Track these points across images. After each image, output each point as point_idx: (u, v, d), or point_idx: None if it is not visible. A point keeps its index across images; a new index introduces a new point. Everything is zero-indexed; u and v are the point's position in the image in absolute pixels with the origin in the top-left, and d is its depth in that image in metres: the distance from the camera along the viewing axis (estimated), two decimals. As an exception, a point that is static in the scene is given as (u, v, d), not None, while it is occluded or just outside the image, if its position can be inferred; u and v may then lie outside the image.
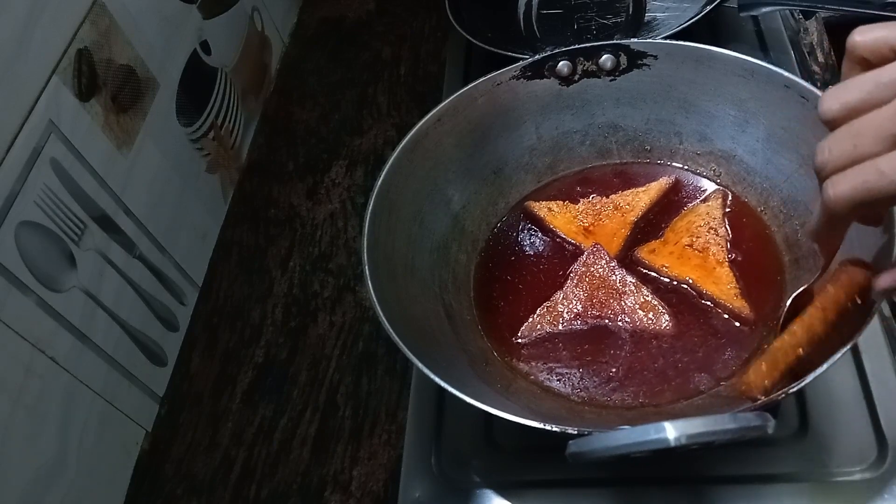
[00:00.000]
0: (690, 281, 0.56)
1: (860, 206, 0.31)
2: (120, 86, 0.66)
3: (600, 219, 0.61)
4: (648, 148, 0.64)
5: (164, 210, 0.72)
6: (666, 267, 0.57)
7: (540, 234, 0.63)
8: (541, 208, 0.63)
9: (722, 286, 0.54)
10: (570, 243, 0.61)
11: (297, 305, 0.74)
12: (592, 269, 0.57)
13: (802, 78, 0.54)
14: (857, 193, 0.30)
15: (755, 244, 0.57)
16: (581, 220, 0.61)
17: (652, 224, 0.61)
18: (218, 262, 0.80)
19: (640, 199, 0.61)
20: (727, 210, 0.60)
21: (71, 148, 0.59)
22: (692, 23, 0.70)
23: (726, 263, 0.56)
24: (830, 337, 0.41)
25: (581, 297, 0.56)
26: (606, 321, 0.55)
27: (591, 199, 0.63)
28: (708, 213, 0.59)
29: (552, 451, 0.45)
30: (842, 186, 0.31)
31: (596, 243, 0.59)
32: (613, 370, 0.53)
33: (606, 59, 0.62)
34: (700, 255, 0.56)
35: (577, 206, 0.62)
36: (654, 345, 0.53)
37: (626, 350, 0.53)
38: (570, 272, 0.58)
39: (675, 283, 0.56)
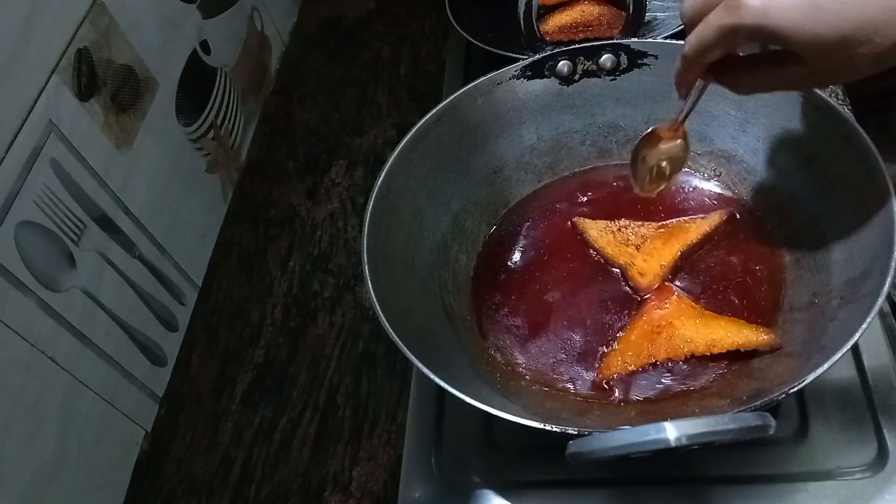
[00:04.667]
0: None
1: (702, 53, 0.41)
2: (119, 85, 0.66)
3: (646, 242, 0.59)
4: (649, 148, 0.64)
5: (163, 210, 0.72)
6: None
7: (539, 235, 0.63)
8: (590, 227, 0.60)
9: (737, 335, 0.52)
10: (570, 244, 0.61)
11: (297, 305, 0.74)
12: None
13: (803, 78, 0.54)
14: (699, 41, 0.40)
15: (755, 244, 0.57)
16: (627, 241, 0.59)
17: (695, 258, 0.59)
18: (218, 262, 0.80)
19: (693, 230, 0.58)
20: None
21: (70, 148, 0.59)
22: (692, 22, 0.70)
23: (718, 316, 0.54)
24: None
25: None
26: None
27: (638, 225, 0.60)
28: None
29: (552, 451, 0.45)
30: (691, 37, 0.41)
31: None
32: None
33: (607, 59, 0.62)
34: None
35: (624, 229, 0.60)
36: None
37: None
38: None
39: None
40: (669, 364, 0.52)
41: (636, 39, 0.61)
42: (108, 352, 0.62)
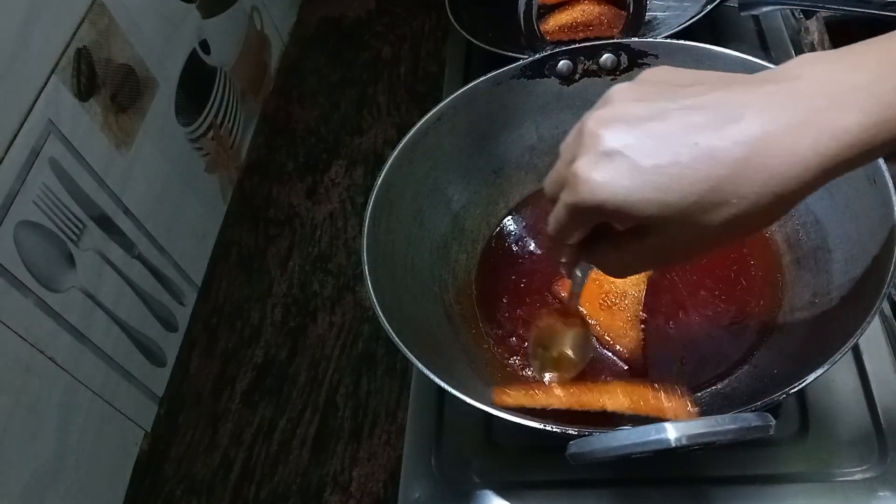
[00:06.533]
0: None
1: (560, 234, 0.37)
2: (119, 85, 0.66)
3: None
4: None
5: (163, 210, 0.72)
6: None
7: (539, 235, 0.62)
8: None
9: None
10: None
11: (297, 305, 0.74)
12: None
13: (803, 77, 0.54)
14: (554, 221, 0.37)
15: (755, 244, 0.57)
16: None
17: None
18: (217, 262, 0.80)
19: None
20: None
21: (70, 147, 0.59)
22: (693, 22, 0.70)
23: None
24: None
25: None
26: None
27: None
28: None
29: (552, 451, 0.45)
30: (550, 217, 0.37)
31: None
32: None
33: (607, 59, 0.62)
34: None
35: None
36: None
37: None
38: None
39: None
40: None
41: (636, 39, 0.61)
42: (107, 352, 0.62)
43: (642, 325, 0.54)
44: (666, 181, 0.31)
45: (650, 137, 0.31)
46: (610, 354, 0.54)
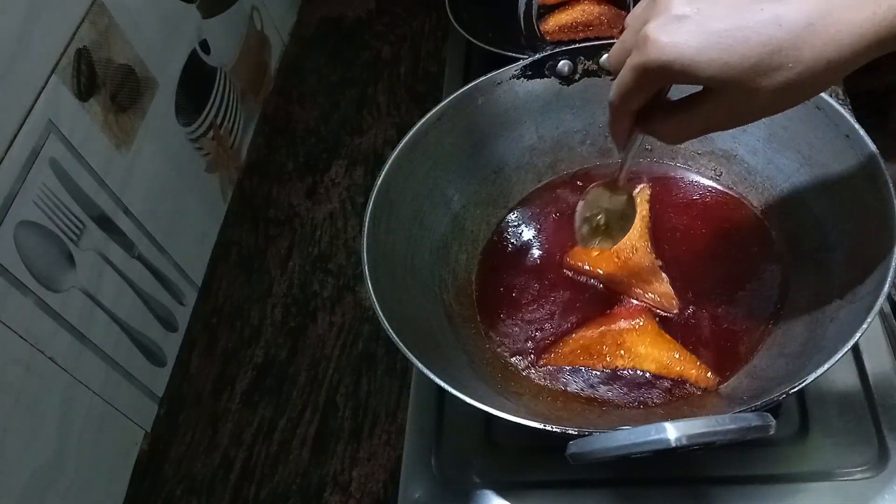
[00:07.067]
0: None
1: (623, 98, 0.40)
2: (119, 85, 0.66)
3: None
4: (649, 147, 0.64)
5: (163, 210, 0.72)
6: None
7: (540, 235, 0.63)
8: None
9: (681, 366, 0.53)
10: (570, 243, 0.61)
11: (297, 305, 0.74)
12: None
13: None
14: (618, 85, 0.40)
15: (755, 244, 0.57)
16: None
17: (662, 225, 0.60)
18: (217, 262, 0.80)
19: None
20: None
21: (70, 147, 0.59)
22: (692, 22, 0.70)
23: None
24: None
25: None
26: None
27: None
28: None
29: (552, 451, 0.45)
30: (614, 83, 0.41)
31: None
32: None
33: (607, 59, 0.62)
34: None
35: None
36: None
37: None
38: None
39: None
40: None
41: (636, 39, 0.60)
42: (107, 352, 0.62)
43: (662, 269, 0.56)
44: (731, 43, 0.34)
45: (719, 4, 0.35)
46: (649, 301, 0.55)
